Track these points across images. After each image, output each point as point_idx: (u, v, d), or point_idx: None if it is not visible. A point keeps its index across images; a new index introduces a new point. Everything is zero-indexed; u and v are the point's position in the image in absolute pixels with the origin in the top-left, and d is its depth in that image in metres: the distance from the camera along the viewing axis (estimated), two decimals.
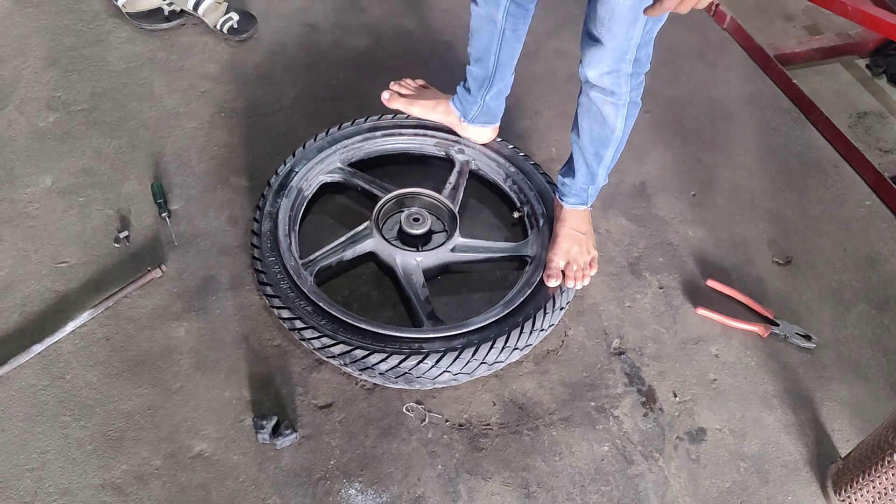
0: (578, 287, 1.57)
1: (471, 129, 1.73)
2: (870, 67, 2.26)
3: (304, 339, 1.41)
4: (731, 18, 2.26)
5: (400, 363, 1.37)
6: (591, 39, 1.32)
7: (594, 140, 1.47)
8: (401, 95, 1.80)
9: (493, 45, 1.55)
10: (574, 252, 1.56)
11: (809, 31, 2.37)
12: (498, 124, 1.74)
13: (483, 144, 1.75)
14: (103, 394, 1.39)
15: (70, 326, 1.45)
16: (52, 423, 1.35)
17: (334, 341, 1.38)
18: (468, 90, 1.67)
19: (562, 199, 1.59)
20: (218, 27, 2.04)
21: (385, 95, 1.81)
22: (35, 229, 1.61)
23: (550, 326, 1.51)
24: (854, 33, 2.27)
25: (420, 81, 1.85)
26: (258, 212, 1.56)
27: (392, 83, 1.83)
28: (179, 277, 1.56)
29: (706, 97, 2.10)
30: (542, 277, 1.54)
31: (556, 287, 1.53)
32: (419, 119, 1.77)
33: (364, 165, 1.73)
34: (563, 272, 1.55)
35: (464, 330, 1.43)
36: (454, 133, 1.76)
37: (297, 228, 1.57)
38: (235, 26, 2.04)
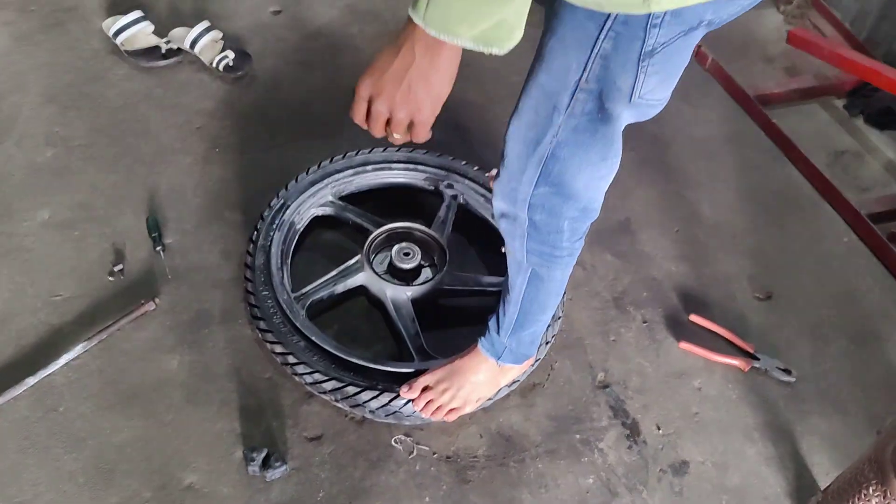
0: (419, 413, 1.43)
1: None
2: (847, 108, 2.33)
3: (296, 374, 1.44)
4: (713, 60, 2.34)
5: (391, 401, 1.40)
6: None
7: (504, 284, 1.33)
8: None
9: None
10: (443, 389, 1.42)
11: (788, 72, 2.45)
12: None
13: (469, 179, 1.79)
14: (95, 426, 1.41)
15: (64, 359, 1.47)
16: (45, 455, 1.37)
17: (326, 377, 1.41)
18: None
19: (480, 336, 1.42)
20: (214, 65, 2.09)
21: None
22: (31, 263, 1.64)
23: (536, 361, 1.54)
24: (831, 75, 2.34)
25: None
26: (252, 245, 1.60)
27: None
28: (173, 311, 1.59)
29: (689, 136, 2.16)
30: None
31: (406, 397, 1.42)
32: (390, 152, 1.80)
33: (355, 199, 1.77)
34: (424, 390, 1.43)
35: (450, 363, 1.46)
36: (443, 168, 1.80)
37: (289, 262, 1.61)
38: (231, 64, 2.09)
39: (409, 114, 0.90)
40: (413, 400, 1.43)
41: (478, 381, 1.43)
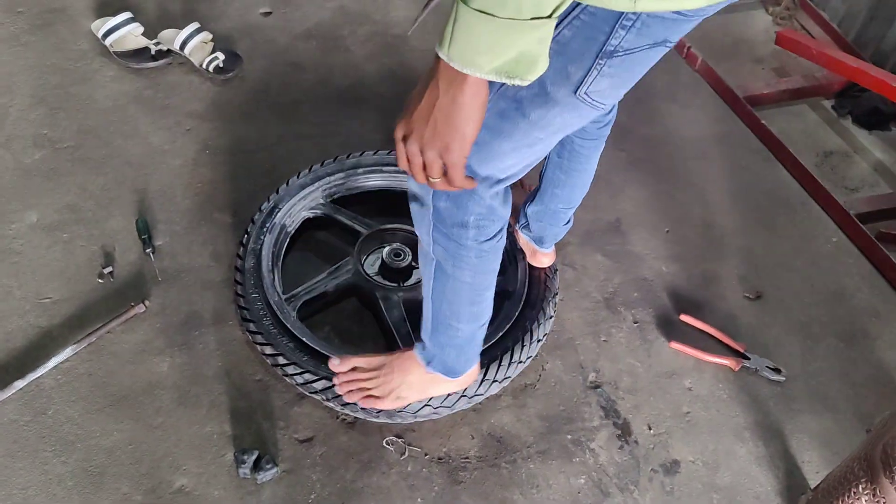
0: (341, 394, 1.41)
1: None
2: (835, 108, 2.35)
3: (286, 375, 1.43)
4: (702, 61, 2.35)
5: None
6: None
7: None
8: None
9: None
10: (372, 375, 1.40)
11: (777, 73, 2.46)
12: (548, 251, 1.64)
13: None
14: (85, 429, 1.40)
15: (53, 362, 1.46)
16: (34, 458, 1.36)
17: (316, 377, 1.40)
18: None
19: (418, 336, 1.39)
20: (204, 66, 2.08)
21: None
22: (19, 265, 1.63)
23: (529, 358, 1.54)
24: (820, 76, 2.36)
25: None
26: (242, 248, 1.59)
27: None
28: (163, 313, 1.58)
29: (679, 136, 2.17)
30: (521, 310, 1.56)
31: (333, 369, 1.41)
32: (381, 156, 1.79)
33: (346, 201, 1.77)
34: (354, 370, 1.42)
35: None
36: None
37: (280, 264, 1.60)
38: (221, 65, 2.09)
39: (438, 154, 0.87)
40: (338, 374, 1.40)
41: (406, 381, 1.39)
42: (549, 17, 0.75)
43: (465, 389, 1.44)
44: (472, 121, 0.85)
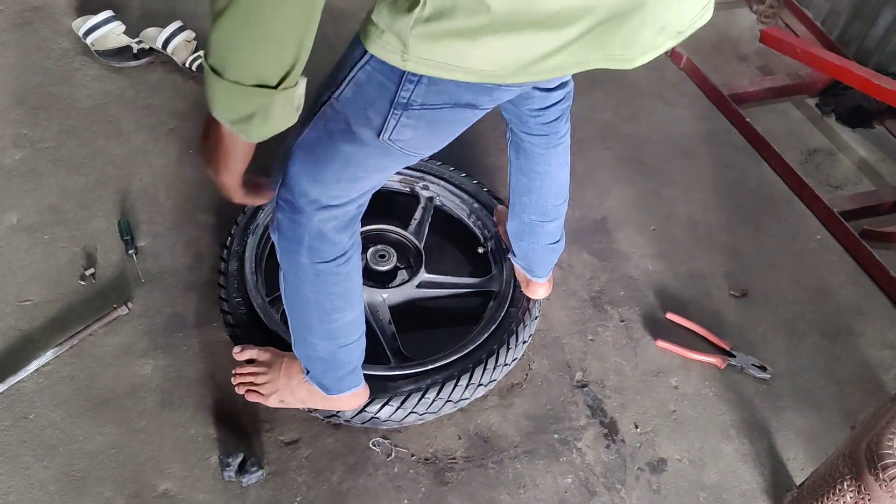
0: (234, 385, 1.41)
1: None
2: (819, 106, 2.36)
3: None
4: (687, 59, 2.35)
5: (364, 408, 1.39)
6: None
7: None
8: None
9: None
10: (264, 371, 1.39)
11: (762, 71, 2.47)
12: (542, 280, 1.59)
13: (445, 180, 1.78)
14: (67, 433, 1.39)
15: (34, 365, 1.44)
16: (15, 463, 1.34)
17: None
18: None
19: None
20: (187, 65, 2.06)
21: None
22: None
23: (514, 360, 1.53)
24: (804, 74, 2.37)
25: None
26: (225, 250, 1.58)
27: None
28: (146, 315, 1.57)
29: (665, 134, 2.18)
30: (506, 312, 1.55)
31: (234, 356, 1.42)
32: None
33: None
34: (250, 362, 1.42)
35: (429, 367, 1.45)
36: (419, 170, 1.79)
37: (263, 266, 1.59)
38: None
39: (214, 175, 0.94)
40: (238, 362, 1.41)
41: (290, 385, 1.36)
42: (276, 87, 0.80)
43: (451, 394, 1.42)
44: (236, 156, 0.90)
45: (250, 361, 1.42)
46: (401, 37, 0.84)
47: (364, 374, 1.42)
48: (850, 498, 1.26)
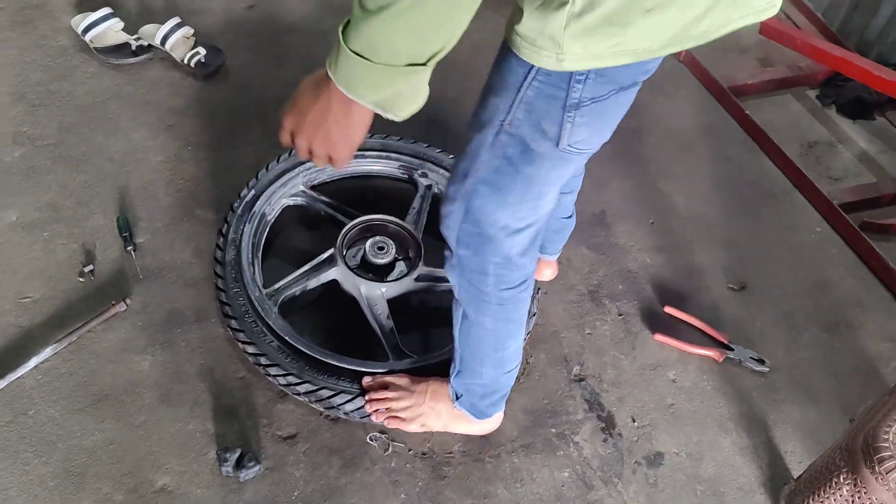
0: (370, 414, 1.41)
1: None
2: (820, 98, 2.34)
3: (269, 376, 1.43)
4: (687, 52, 2.34)
5: (366, 404, 1.39)
6: None
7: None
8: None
9: None
10: (402, 396, 1.41)
11: (762, 63, 2.46)
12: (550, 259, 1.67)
13: (444, 168, 1.78)
14: (66, 429, 1.40)
15: (33, 362, 1.45)
16: (14, 459, 1.35)
17: (300, 380, 1.40)
18: None
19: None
20: (185, 61, 2.07)
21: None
22: None
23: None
24: (804, 65, 2.36)
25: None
26: (222, 238, 1.57)
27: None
28: (144, 311, 1.58)
29: (664, 127, 2.17)
30: None
31: (365, 387, 1.42)
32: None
33: (328, 188, 1.76)
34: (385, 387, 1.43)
35: (427, 363, 1.45)
36: (417, 157, 1.79)
37: (260, 256, 1.59)
38: (203, 60, 2.07)
39: (327, 153, 0.93)
40: (369, 391, 1.41)
41: (435, 409, 1.41)
42: (425, 64, 0.80)
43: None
44: (360, 130, 0.91)
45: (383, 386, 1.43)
46: (555, 38, 0.84)
47: (364, 373, 1.43)
48: (847, 491, 1.26)
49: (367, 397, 1.41)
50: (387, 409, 1.40)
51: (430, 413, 1.41)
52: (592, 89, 0.90)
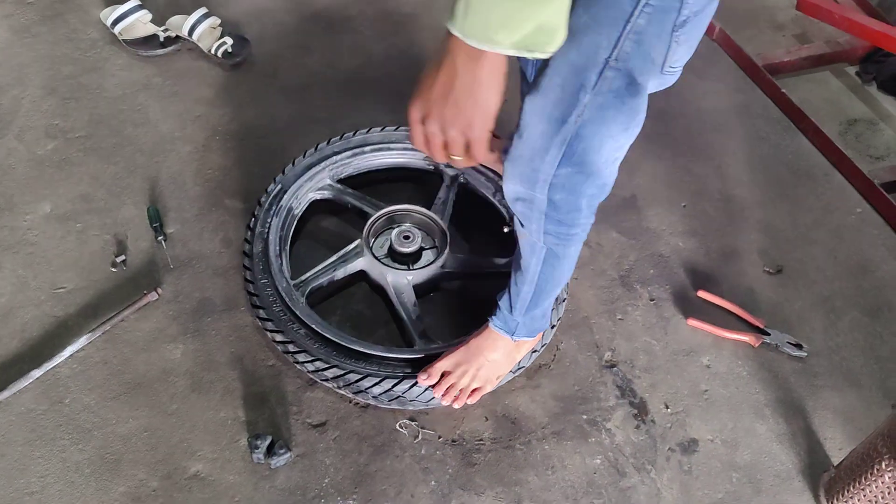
0: (444, 404, 1.42)
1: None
2: (859, 74, 2.27)
3: (297, 363, 1.43)
4: (720, 29, 2.28)
5: (393, 387, 1.39)
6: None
7: (515, 264, 1.32)
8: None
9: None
10: (462, 371, 1.41)
11: (799, 39, 2.39)
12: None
13: None
14: (101, 417, 1.42)
15: (68, 351, 1.48)
16: (51, 447, 1.37)
17: (327, 365, 1.40)
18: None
19: (490, 316, 1.41)
20: (212, 51, 2.07)
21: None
22: (34, 256, 1.64)
23: (542, 346, 1.52)
24: (843, 41, 2.28)
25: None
26: (249, 232, 1.58)
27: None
28: (175, 300, 1.59)
29: (696, 108, 2.12)
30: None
31: (425, 384, 1.41)
32: (388, 132, 1.77)
33: (354, 181, 1.76)
34: (443, 375, 1.42)
35: (455, 349, 1.44)
36: None
37: (287, 248, 1.60)
38: (230, 50, 2.07)
39: (461, 131, 0.87)
40: (433, 386, 1.41)
41: (495, 358, 1.42)
42: None
43: None
44: (494, 94, 0.84)
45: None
46: None
47: (393, 358, 1.43)
48: (889, 478, 1.22)
49: (434, 393, 1.41)
50: (459, 390, 1.41)
51: (492, 366, 1.42)
52: (693, 3, 0.87)
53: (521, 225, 1.19)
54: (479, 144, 0.89)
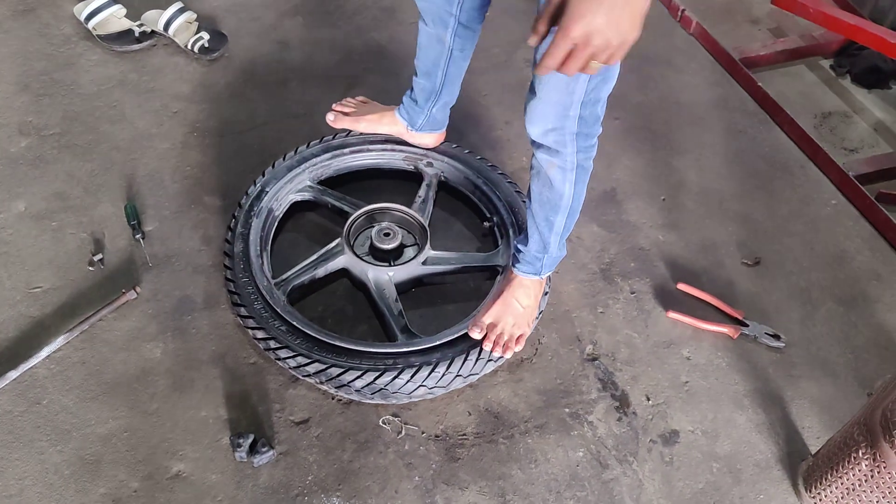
0: (495, 356, 1.47)
1: (417, 136, 1.75)
2: (833, 68, 2.30)
3: (279, 359, 1.42)
4: (697, 23, 2.30)
5: (375, 379, 1.38)
6: (532, 92, 1.22)
7: (544, 205, 1.38)
8: (345, 114, 1.79)
9: (441, 62, 1.56)
10: (505, 321, 1.48)
11: (774, 33, 2.41)
12: (444, 130, 1.77)
13: (449, 156, 1.76)
14: (80, 418, 1.40)
15: (45, 351, 1.46)
16: (29, 448, 1.36)
17: (309, 360, 1.39)
18: (415, 101, 1.68)
19: (514, 266, 1.50)
20: (189, 47, 2.05)
21: (330, 117, 1.80)
22: (8, 255, 1.61)
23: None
24: (818, 35, 2.31)
25: (361, 98, 1.86)
26: (230, 233, 1.57)
27: (334, 104, 1.83)
28: (154, 298, 1.57)
29: (674, 102, 2.13)
30: None
31: (477, 337, 1.46)
32: (367, 134, 1.78)
33: (334, 182, 1.75)
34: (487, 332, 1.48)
35: (437, 343, 1.44)
36: (421, 147, 1.77)
37: (268, 248, 1.59)
38: (206, 45, 2.05)
39: (625, 36, 0.90)
40: (484, 338, 1.46)
41: (528, 304, 1.50)
42: None
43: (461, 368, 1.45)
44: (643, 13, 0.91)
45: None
46: None
47: (374, 353, 1.43)
48: (866, 465, 1.24)
49: (485, 345, 1.46)
50: (507, 339, 1.46)
51: (526, 311, 1.50)
52: None
53: (551, 157, 1.28)
54: (628, 46, 0.92)
